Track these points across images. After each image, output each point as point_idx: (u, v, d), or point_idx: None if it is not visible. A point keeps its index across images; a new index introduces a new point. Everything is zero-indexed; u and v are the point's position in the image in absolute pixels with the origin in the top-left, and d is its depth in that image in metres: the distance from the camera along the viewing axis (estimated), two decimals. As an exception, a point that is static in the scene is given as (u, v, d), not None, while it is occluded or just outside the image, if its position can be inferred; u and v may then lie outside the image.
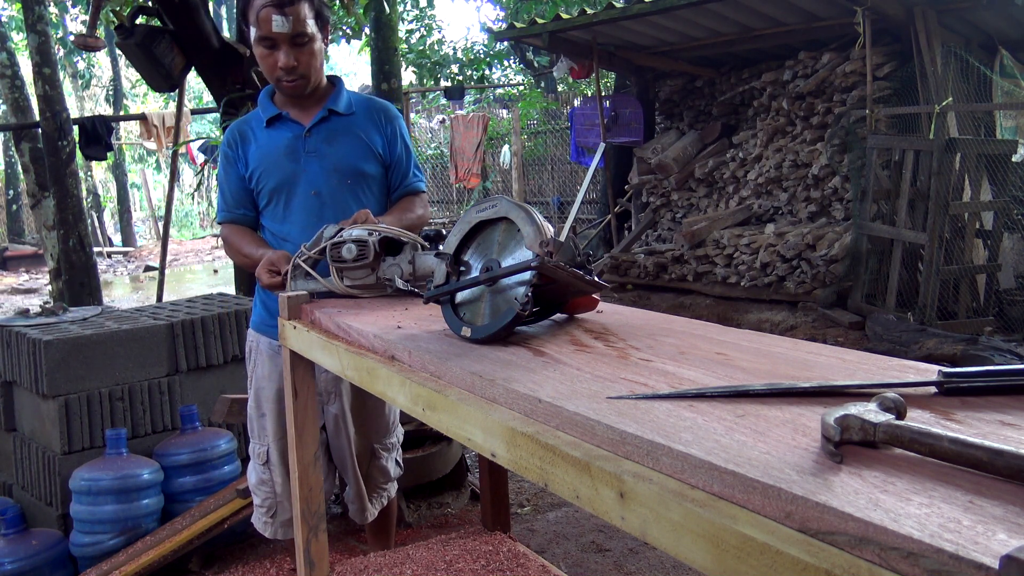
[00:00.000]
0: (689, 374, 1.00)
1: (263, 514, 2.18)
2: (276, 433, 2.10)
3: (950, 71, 5.88)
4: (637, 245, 7.99)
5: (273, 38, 1.94)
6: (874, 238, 5.75)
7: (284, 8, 1.91)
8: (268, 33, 1.93)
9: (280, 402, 2.08)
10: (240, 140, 2.10)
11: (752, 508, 0.67)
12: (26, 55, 7.49)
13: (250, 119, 2.13)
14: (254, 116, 2.12)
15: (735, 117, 7.86)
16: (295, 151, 2.05)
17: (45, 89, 6.65)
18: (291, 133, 2.06)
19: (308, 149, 2.05)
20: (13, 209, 15.90)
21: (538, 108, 12.64)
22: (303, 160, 2.05)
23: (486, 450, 0.97)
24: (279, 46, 1.95)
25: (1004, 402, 0.84)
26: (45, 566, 2.52)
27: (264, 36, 1.94)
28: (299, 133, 2.06)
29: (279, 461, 2.11)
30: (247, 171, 2.08)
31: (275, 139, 2.06)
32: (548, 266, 1.21)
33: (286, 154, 2.05)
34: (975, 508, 0.60)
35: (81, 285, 6.68)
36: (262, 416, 2.14)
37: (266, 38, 1.94)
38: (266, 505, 2.17)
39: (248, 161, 2.08)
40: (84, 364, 2.76)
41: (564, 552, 2.78)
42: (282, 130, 2.07)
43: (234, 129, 2.12)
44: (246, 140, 2.09)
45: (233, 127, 2.13)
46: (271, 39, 1.94)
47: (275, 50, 1.96)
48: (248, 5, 1.97)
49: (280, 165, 2.05)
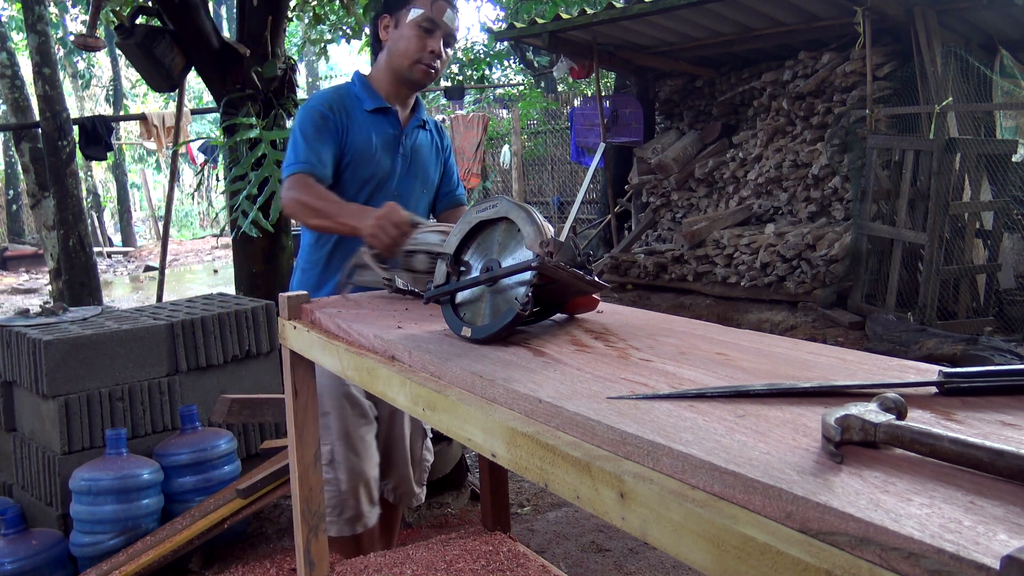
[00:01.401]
0: (689, 374, 1.00)
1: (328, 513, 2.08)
2: (339, 431, 2.06)
3: (950, 71, 5.88)
4: (637, 245, 8.00)
5: (438, 25, 2.00)
6: (874, 238, 5.75)
7: (455, 8, 2.03)
8: (437, 18, 2.00)
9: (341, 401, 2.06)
10: (342, 110, 2.05)
11: (753, 508, 0.67)
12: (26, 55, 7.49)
13: (348, 96, 2.09)
14: (351, 95, 2.09)
15: (735, 117, 7.86)
16: (393, 148, 2.10)
17: (45, 89, 6.64)
18: (392, 130, 2.10)
19: (403, 150, 2.12)
20: (13, 209, 15.89)
21: (538, 108, 12.64)
22: (398, 160, 2.11)
23: (486, 450, 0.97)
24: (436, 34, 2.01)
25: (1004, 402, 0.84)
26: (45, 566, 2.52)
27: (430, 18, 1.99)
28: (399, 132, 2.11)
29: (343, 459, 2.07)
30: (346, 145, 2.05)
31: (378, 130, 2.08)
32: (548, 266, 1.21)
33: (385, 148, 2.08)
34: (976, 508, 0.60)
35: (81, 285, 6.69)
36: (325, 415, 2.06)
37: (431, 21, 2.00)
38: (331, 504, 2.07)
39: (350, 135, 2.04)
40: (84, 364, 2.76)
41: (564, 552, 2.78)
42: (384, 124, 2.09)
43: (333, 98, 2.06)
44: (350, 115, 2.06)
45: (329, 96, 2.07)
46: (435, 26, 2.00)
47: (430, 36, 2.01)
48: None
49: (378, 158, 2.07)
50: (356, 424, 2.09)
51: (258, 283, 4.26)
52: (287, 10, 4.48)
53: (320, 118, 2.01)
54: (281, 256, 4.32)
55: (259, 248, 4.23)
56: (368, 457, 2.12)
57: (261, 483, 2.59)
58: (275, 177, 3.84)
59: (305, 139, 1.99)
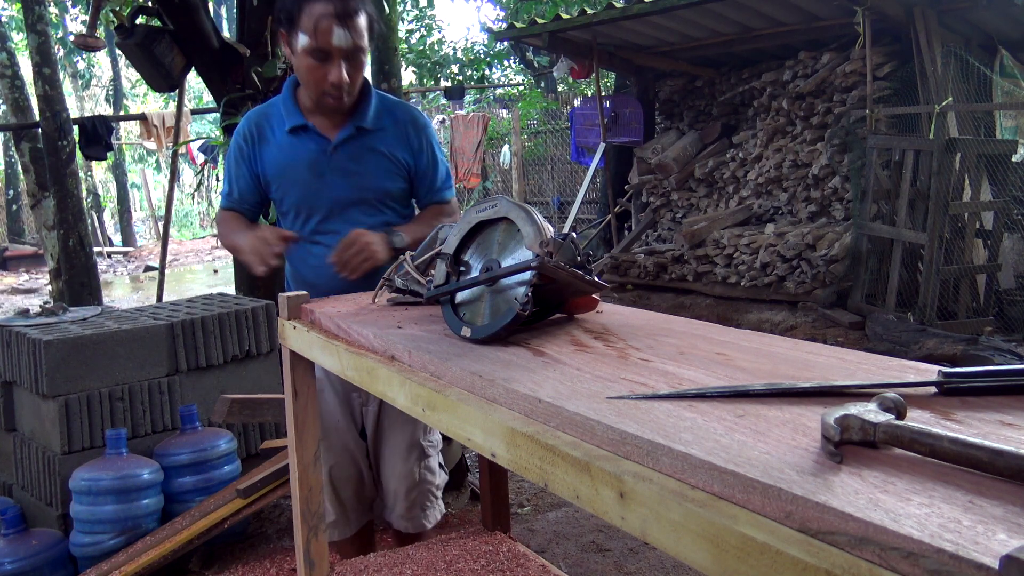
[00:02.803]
0: (689, 374, 1.00)
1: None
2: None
3: (950, 71, 5.88)
4: (637, 245, 8.00)
5: (329, 51, 1.80)
6: (874, 238, 5.75)
7: (346, 20, 1.78)
8: (326, 45, 1.79)
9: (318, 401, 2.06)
10: (257, 137, 1.98)
11: (752, 508, 0.67)
12: (26, 55, 7.49)
13: (270, 115, 2.00)
14: (274, 113, 1.99)
15: (735, 117, 7.86)
16: (319, 167, 1.95)
17: (45, 89, 6.65)
18: (316, 146, 1.95)
19: (333, 166, 1.96)
20: (13, 209, 15.90)
21: (538, 108, 12.64)
22: (328, 176, 1.96)
23: (486, 450, 0.97)
24: (333, 59, 1.82)
25: (1004, 402, 0.84)
26: (45, 566, 2.53)
27: (319, 48, 1.80)
28: (324, 148, 1.95)
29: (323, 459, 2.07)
30: (262, 173, 2.00)
31: (298, 150, 1.96)
32: (548, 266, 1.21)
33: (309, 168, 1.96)
34: (975, 508, 0.60)
35: (81, 285, 6.69)
36: None
37: (321, 50, 1.80)
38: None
39: (264, 163, 1.99)
40: (84, 364, 2.76)
41: (564, 552, 2.78)
42: (306, 141, 1.96)
43: (252, 122, 2.00)
44: (263, 139, 1.98)
45: (251, 119, 2.00)
46: (326, 51, 1.81)
47: (327, 63, 1.82)
48: (298, 9, 1.81)
49: (303, 180, 1.96)
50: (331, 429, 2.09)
51: (258, 283, 4.26)
52: (287, 10, 4.48)
53: (238, 150, 2.01)
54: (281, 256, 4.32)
55: (259, 248, 4.22)
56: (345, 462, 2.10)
57: (261, 483, 2.60)
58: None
59: (228, 172, 2.05)
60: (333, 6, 1.78)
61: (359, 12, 1.81)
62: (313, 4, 1.79)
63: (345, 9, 1.79)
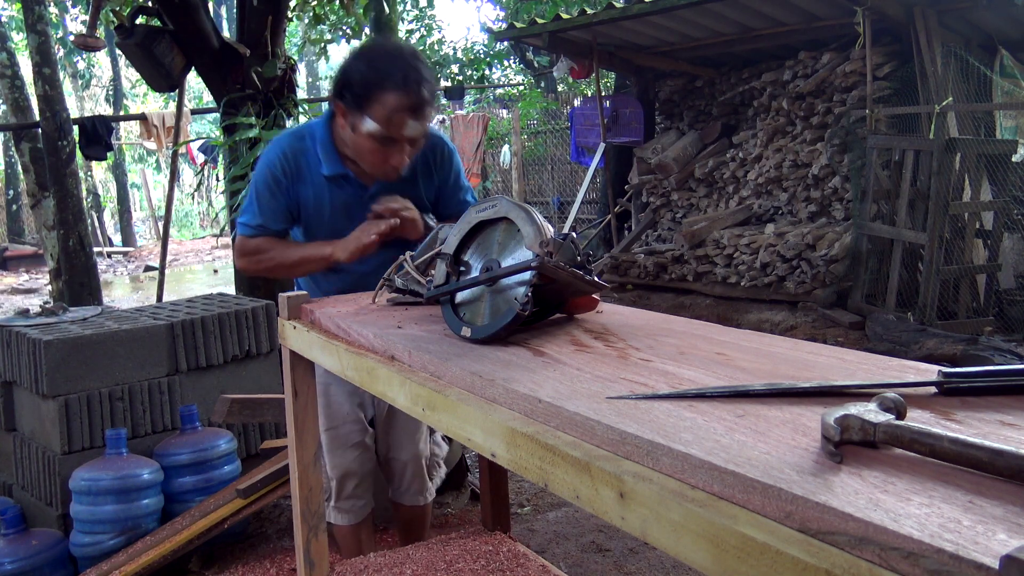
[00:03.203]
0: (689, 374, 1.01)
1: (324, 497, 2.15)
2: (324, 423, 2.10)
3: (950, 71, 5.88)
4: (637, 245, 8.00)
5: (398, 139, 1.80)
6: (874, 238, 5.75)
7: (420, 112, 1.78)
8: (397, 135, 1.79)
9: (325, 396, 2.08)
10: (295, 175, 1.95)
11: (752, 508, 0.67)
12: (26, 55, 7.49)
13: (307, 152, 1.95)
14: (311, 151, 1.95)
15: (735, 117, 7.86)
16: (352, 211, 1.96)
17: (45, 89, 6.65)
18: (353, 192, 1.96)
19: (366, 210, 1.95)
20: (13, 209, 15.90)
21: (538, 108, 12.64)
22: (358, 219, 1.95)
23: (486, 450, 0.97)
24: (398, 145, 1.82)
25: (1004, 402, 0.84)
26: (45, 566, 2.53)
27: (388, 137, 1.79)
28: (361, 195, 1.96)
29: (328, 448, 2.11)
30: (296, 210, 1.98)
31: (334, 195, 1.96)
32: (548, 266, 1.21)
33: (342, 213, 1.96)
34: (975, 508, 0.60)
35: (81, 285, 6.69)
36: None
37: (389, 139, 1.80)
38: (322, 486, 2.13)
39: (300, 201, 1.97)
40: (84, 364, 2.76)
41: (564, 552, 2.78)
42: (344, 187, 1.96)
43: (289, 157, 1.95)
44: (301, 178, 1.95)
45: (287, 154, 1.95)
46: (394, 141, 1.81)
47: (390, 147, 1.82)
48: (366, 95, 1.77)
49: (335, 223, 1.96)
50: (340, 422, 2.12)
51: (258, 283, 4.26)
52: (287, 10, 4.48)
53: (273, 181, 1.95)
54: (281, 256, 4.32)
55: (259, 248, 4.22)
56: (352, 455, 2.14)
57: (261, 483, 2.60)
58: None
59: (259, 200, 1.97)
60: (409, 100, 1.76)
61: (431, 102, 1.80)
62: (387, 95, 1.76)
63: (420, 101, 1.78)
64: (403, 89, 1.76)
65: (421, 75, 1.79)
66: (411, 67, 1.79)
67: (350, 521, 2.20)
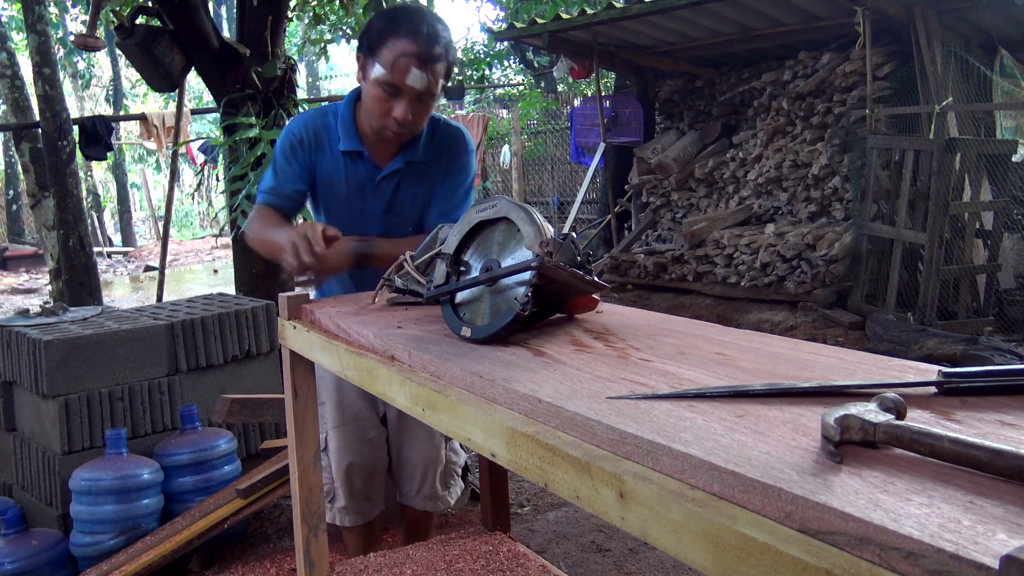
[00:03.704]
0: (689, 374, 1.00)
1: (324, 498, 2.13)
2: (335, 420, 2.10)
3: (950, 71, 5.88)
4: (637, 245, 8.00)
5: (401, 88, 1.78)
6: (874, 238, 5.75)
7: (426, 64, 1.76)
8: (400, 83, 1.77)
9: (337, 391, 2.08)
10: (315, 144, 1.97)
11: (752, 508, 0.67)
12: (26, 55, 7.49)
13: (328, 127, 1.98)
14: (331, 126, 1.97)
15: (735, 117, 7.86)
16: (364, 191, 1.98)
17: (45, 89, 6.65)
18: (366, 173, 1.97)
19: (378, 193, 1.98)
20: (13, 209, 15.89)
21: (538, 108, 12.64)
22: (369, 201, 1.99)
23: (486, 450, 0.97)
24: (402, 97, 1.80)
25: (1004, 402, 0.84)
26: (45, 566, 2.53)
27: (392, 83, 1.77)
28: (373, 176, 1.97)
29: (336, 447, 2.10)
30: (312, 179, 1.99)
31: (349, 173, 1.97)
32: (548, 266, 1.21)
33: (355, 191, 1.98)
34: (975, 508, 0.60)
35: (81, 285, 6.69)
36: (322, 404, 2.10)
37: (393, 85, 1.78)
38: (325, 489, 2.11)
39: (316, 173, 1.99)
40: (84, 364, 2.76)
41: (564, 552, 2.78)
42: (358, 165, 1.97)
43: (310, 127, 1.98)
44: (320, 148, 1.97)
45: (309, 124, 1.98)
46: (398, 88, 1.78)
47: (395, 98, 1.80)
48: (381, 40, 1.78)
49: (347, 201, 1.99)
50: (352, 418, 2.10)
51: (258, 283, 4.26)
52: (287, 10, 4.49)
53: (291, 149, 1.97)
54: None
55: (259, 248, 4.22)
56: (363, 452, 2.12)
57: (261, 483, 2.60)
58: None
59: (275, 167, 2.00)
60: (417, 47, 1.76)
61: (441, 59, 1.79)
62: (398, 40, 1.77)
63: (429, 53, 1.76)
64: (413, 36, 1.76)
65: (436, 30, 1.79)
66: (427, 21, 1.79)
67: (356, 522, 2.17)
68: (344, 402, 2.10)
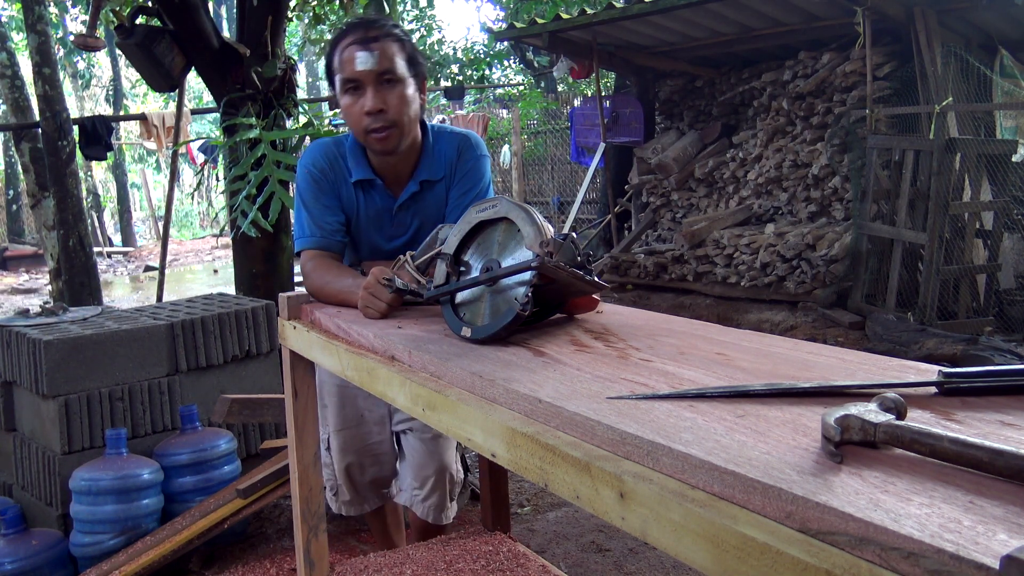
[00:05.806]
0: (689, 374, 1.00)
1: (327, 492, 2.18)
2: (336, 423, 2.10)
3: (950, 71, 5.88)
4: (637, 245, 7.99)
5: (358, 79, 1.74)
6: (874, 238, 5.75)
7: (369, 44, 1.73)
8: (352, 74, 1.74)
9: (339, 395, 2.08)
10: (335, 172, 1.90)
11: (752, 508, 0.67)
12: (26, 55, 7.48)
13: (342, 157, 1.91)
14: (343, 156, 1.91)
15: (735, 117, 7.86)
16: (381, 222, 1.92)
17: (45, 89, 6.64)
18: (382, 204, 1.90)
19: (396, 222, 1.92)
20: (13, 209, 15.89)
21: (538, 108, 12.65)
22: (387, 230, 1.93)
23: (486, 450, 0.97)
24: (364, 87, 1.74)
25: (1004, 402, 0.84)
26: (45, 566, 2.52)
27: (348, 78, 1.75)
28: (390, 206, 1.90)
29: (337, 448, 2.11)
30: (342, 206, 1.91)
31: (364, 205, 1.91)
32: (548, 266, 1.21)
33: (374, 224, 1.92)
34: (975, 508, 0.60)
35: (81, 285, 6.69)
36: (324, 407, 2.10)
37: (350, 80, 1.75)
38: (328, 484, 2.17)
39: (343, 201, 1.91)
40: (84, 364, 2.76)
41: (564, 552, 2.78)
42: (373, 196, 1.90)
43: (327, 157, 1.90)
44: (339, 178, 1.90)
45: (326, 155, 1.90)
46: (356, 80, 1.74)
47: (359, 95, 1.75)
48: (332, 54, 1.80)
49: (366, 233, 1.93)
50: (353, 423, 2.11)
51: (258, 283, 4.26)
52: (287, 10, 4.48)
53: (314, 182, 1.89)
54: (281, 256, 4.32)
55: (259, 248, 4.23)
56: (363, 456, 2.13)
57: (261, 483, 2.60)
58: (275, 177, 3.84)
59: (306, 207, 1.89)
60: (356, 34, 1.75)
61: (383, 37, 1.76)
62: (341, 42, 1.78)
63: (367, 34, 1.75)
64: (351, 30, 1.77)
65: (376, 19, 1.81)
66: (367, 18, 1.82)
67: (361, 511, 2.21)
68: (346, 406, 2.09)
